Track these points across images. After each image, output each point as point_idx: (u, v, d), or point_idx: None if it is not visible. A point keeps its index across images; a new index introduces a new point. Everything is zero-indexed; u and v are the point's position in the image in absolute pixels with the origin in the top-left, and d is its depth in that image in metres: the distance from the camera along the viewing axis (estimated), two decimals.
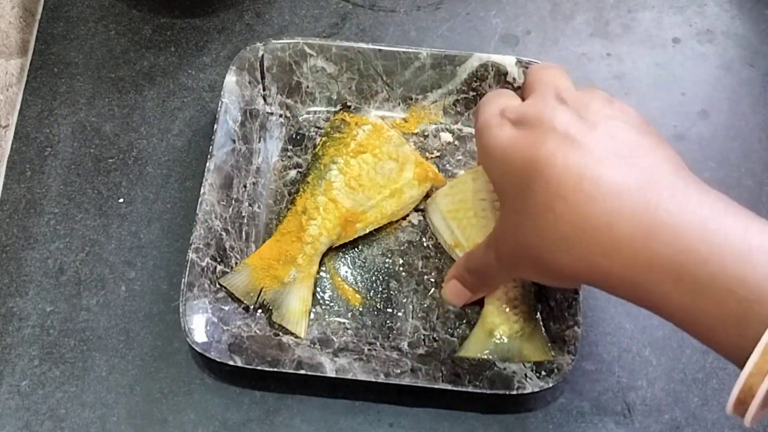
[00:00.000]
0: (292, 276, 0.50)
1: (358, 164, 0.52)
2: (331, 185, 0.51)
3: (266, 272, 0.50)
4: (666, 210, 0.31)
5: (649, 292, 0.32)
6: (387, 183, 0.51)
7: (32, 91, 0.58)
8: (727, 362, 0.49)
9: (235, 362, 0.46)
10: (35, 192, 0.55)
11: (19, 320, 0.51)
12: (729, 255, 0.30)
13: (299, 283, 0.50)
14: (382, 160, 0.52)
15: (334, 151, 0.52)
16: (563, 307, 0.48)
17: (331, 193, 0.51)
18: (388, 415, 0.48)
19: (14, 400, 0.48)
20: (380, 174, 0.51)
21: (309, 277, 0.50)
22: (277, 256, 0.50)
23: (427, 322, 0.50)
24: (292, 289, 0.49)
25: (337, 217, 0.50)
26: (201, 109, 0.58)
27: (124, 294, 0.52)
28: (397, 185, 0.51)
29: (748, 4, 0.62)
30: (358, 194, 0.51)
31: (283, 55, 0.55)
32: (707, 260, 0.30)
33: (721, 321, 0.30)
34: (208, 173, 0.50)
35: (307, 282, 0.50)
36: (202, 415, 0.48)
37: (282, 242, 0.50)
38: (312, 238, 0.50)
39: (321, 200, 0.51)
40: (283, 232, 0.51)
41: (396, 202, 0.51)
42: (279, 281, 0.49)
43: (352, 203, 0.51)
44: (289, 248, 0.50)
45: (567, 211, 0.33)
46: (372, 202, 0.51)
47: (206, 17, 0.61)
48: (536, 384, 0.46)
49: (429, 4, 0.62)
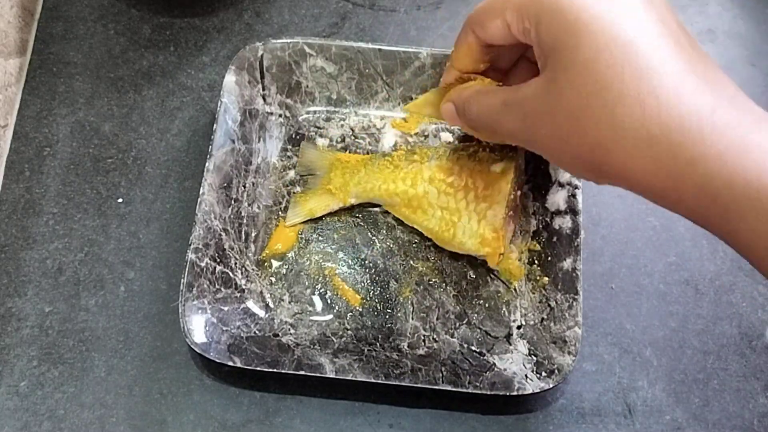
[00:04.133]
0: (340, 185, 0.53)
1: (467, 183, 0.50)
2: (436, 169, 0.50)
3: (340, 164, 0.53)
4: (757, 132, 0.30)
5: (724, 209, 0.30)
6: (459, 213, 0.50)
7: (31, 90, 0.58)
8: (728, 363, 0.50)
9: (235, 363, 0.46)
10: (34, 192, 0.55)
11: (18, 320, 0.51)
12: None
13: (335, 196, 0.53)
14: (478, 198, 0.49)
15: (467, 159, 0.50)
16: (563, 308, 0.48)
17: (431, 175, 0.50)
18: (388, 415, 0.48)
19: (13, 401, 0.48)
20: (466, 204, 0.49)
21: (342, 201, 0.53)
22: (359, 165, 0.53)
23: (427, 323, 0.50)
24: (325, 194, 0.53)
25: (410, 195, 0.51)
26: (200, 108, 0.58)
27: (123, 294, 0.52)
28: (463, 224, 0.50)
29: (750, 3, 0.62)
30: (441, 197, 0.50)
31: (282, 55, 0.55)
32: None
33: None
34: (207, 173, 0.50)
35: (338, 201, 0.53)
36: (202, 416, 0.48)
37: (373, 164, 0.53)
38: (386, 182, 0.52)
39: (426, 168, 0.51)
40: (386, 162, 0.52)
41: (448, 231, 0.50)
42: (333, 179, 0.53)
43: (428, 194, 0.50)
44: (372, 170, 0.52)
45: (660, 112, 0.31)
46: (437, 213, 0.50)
47: (206, 17, 0.61)
48: (536, 385, 0.46)
49: (429, 3, 0.62)
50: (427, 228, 0.51)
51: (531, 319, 0.49)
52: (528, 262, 0.51)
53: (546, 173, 0.52)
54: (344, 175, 0.53)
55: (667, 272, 0.53)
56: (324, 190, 0.53)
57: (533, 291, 0.50)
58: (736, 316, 0.52)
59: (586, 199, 0.53)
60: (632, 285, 0.52)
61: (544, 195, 0.52)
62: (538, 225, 0.52)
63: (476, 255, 0.50)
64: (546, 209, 0.52)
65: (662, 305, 0.52)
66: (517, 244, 0.52)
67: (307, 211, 0.53)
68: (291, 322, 0.50)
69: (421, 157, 0.52)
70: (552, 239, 0.51)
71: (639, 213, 0.54)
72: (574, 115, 0.33)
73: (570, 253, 0.49)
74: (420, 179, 0.51)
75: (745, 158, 0.30)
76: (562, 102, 0.33)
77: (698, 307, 0.52)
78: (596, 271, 0.53)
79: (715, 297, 0.52)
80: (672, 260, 0.53)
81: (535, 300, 0.50)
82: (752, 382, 0.50)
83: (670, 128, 0.31)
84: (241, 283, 0.50)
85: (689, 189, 0.31)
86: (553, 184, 0.52)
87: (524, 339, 0.49)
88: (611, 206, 0.55)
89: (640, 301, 0.52)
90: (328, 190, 0.53)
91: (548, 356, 0.47)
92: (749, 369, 0.50)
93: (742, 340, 0.51)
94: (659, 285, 0.52)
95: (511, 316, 0.50)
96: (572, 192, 0.50)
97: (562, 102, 0.33)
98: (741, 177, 0.30)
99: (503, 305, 0.51)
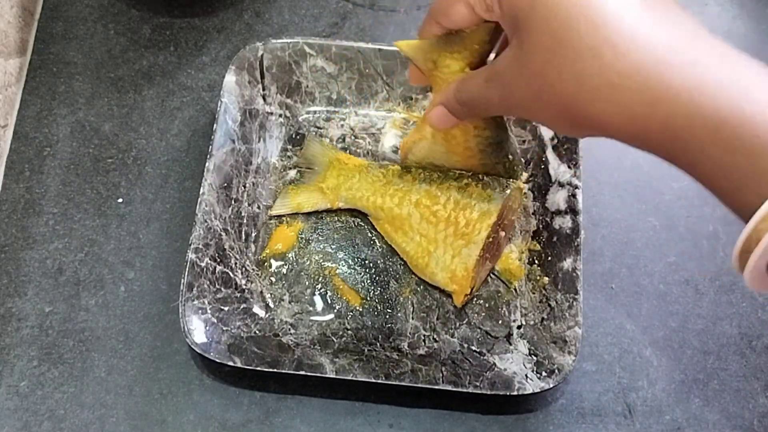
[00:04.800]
0: (332, 186, 0.53)
1: (449, 216, 0.49)
2: (424, 194, 0.50)
3: (338, 164, 0.53)
4: (715, 67, 0.32)
5: (685, 144, 0.32)
6: (436, 244, 0.50)
7: (31, 90, 0.58)
8: (728, 363, 0.50)
9: (235, 363, 0.46)
10: (34, 192, 0.55)
11: (18, 320, 0.51)
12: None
13: (325, 196, 0.53)
14: (457, 234, 0.49)
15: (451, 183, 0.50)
16: (563, 308, 0.48)
17: (418, 199, 0.50)
18: (388, 415, 0.48)
19: (13, 401, 0.48)
20: (444, 237, 0.49)
21: (331, 203, 0.53)
22: (356, 170, 0.53)
23: (427, 323, 0.50)
24: (317, 191, 0.53)
25: (394, 214, 0.51)
26: (200, 108, 0.58)
27: (123, 294, 0.51)
28: (437, 255, 0.49)
29: (749, 3, 0.62)
30: (422, 223, 0.50)
31: (282, 55, 0.55)
32: (750, 118, 0.30)
33: (753, 178, 0.30)
34: (207, 173, 0.50)
35: (327, 202, 0.53)
36: (202, 416, 0.48)
37: (368, 173, 0.52)
38: (374, 194, 0.52)
39: (415, 191, 0.50)
40: (380, 174, 0.52)
41: (422, 259, 0.50)
42: (328, 178, 0.53)
43: (411, 217, 0.50)
44: (365, 179, 0.52)
45: (617, 60, 0.32)
46: (416, 237, 0.50)
47: (206, 17, 0.61)
48: (537, 385, 0.46)
49: (429, 3, 0.62)
50: (404, 250, 0.51)
51: (531, 319, 0.49)
52: (528, 262, 0.52)
53: (546, 173, 0.52)
54: (339, 176, 0.53)
55: (667, 272, 0.53)
56: (316, 187, 0.53)
57: (533, 291, 0.50)
58: (736, 316, 0.52)
59: (586, 199, 0.53)
60: (632, 285, 0.52)
61: (544, 195, 0.52)
62: (538, 225, 0.52)
63: (444, 288, 0.50)
64: (546, 209, 0.52)
65: (662, 305, 0.52)
66: (517, 244, 0.52)
67: (295, 205, 0.53)
68: (291, 322, 0.50)
69: (414, 177, 0.51)
70: (552, 239, 0.51)
71: (639, 213, 0.54)
72: (540, 73, 0.35)
73: (570, 253, 0.49)
74: (407, 200, 0.50)
75: (702, 94, 0.31)
76: (530, 64, 0.35)
77: (698, 307, 0.52)
78: (596, 271, 0.53)
79: (715, 297, 0.52)
80: (672, 260, 0.53)
81: (535, 300, 0.50)
82: (752, 382, 0.50)
83: (628, 74, 0.32)
84: (242, 283, 0.50)
85: (654, 129, 0.32)
86: (553, 184, 0.52)
87: (524, 339, 0.49)
88: (611, 206, 0.55)
89: (640, 301, 0.52)
90: (320, 188, 0.53)
91: (548, 356, 0.47)
92: (749, 369, 0.50)
93: (742, 340, 0.51)
94: (659, 285, 0.52)
95: (511, 316, 0.50)
96: (572, 192, 0.50)
97: (529, 64, 0.35)
98: (699, 114, 0.31)
99: (503, 305, 0.51)
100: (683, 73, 0.32)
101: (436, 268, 0.49)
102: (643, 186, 0.55)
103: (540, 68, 0.35)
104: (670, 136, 0.32)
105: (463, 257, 0.48)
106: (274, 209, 0.53)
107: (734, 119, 0.30)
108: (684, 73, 0.32)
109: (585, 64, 0.33)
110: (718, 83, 0.31)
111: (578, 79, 0.33)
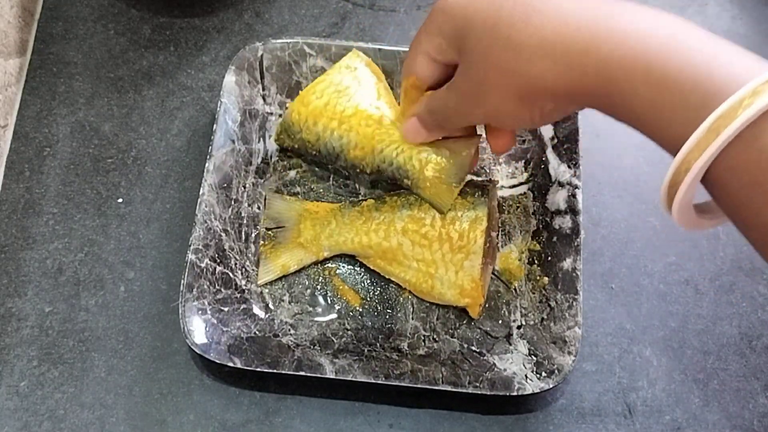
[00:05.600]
0: (311, 238, 0.51)
1: (440, 234, 0.49)
2: (408, 219, 0.49)
3: (309, 215, 0.52)
4: (642, 14, 0.34)
5: (620, 87, 0.34)
6: (436, 265, 0.49)
7: (31, 90, 0.58)
8: (728, 363, 0.50)
9: (235, 363, 0.46)
10: (34, 192, 0.55)
11: (18, 321, 0.51)
12: (697, 53, 0.32)
13: (307, 250, 0.51)
14: (453, 249, 0.49)
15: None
16: (563, 308, 0.48)
17: (403, 226, 0.49)
18: (388, 416, 0.48)
19: (13, 401, 0.48)
20: (442, 256, 0.49)
21: (315, 255, 0.51)
22: (329, 216, 0.51)
23: (427, 323, 0.50)
24: (297, 247, 0.51)
25: (384, 248, 0.50)
26: (200, 108, 0.58)
27: (123, 294, 0.51)
28: (440, 275, 0.49)
29: (749, 3, 0.62)
30: (415, 248, 0.49)
31: (282, 55, 0.55)
32: (676, 57, 0.32)
33: (682, 114, 0.32)
34: (207, 173, 0.50)
35: (311, 255, 0.51)
36: (202, 416, 0.48)
37: (343, 215, 0.51)
38: (358, 236, 0.50)
39: (398, 219, 0.49)
40: (356, 213, 0.51)
41: (426, 283, 0.49)
42: (303, 231, 0.51)
43: (402, 246, 0.49)
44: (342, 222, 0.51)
45: (547, 21, 0.36)
46: (413, 264, 0.49)
47: (205, 17, 0.61)
48: (536, 385, 0.46)
49: (429, 3, 0.62)
50: (404, 280, 0.50)
51: (531, 319, 0.49)
52: (528, 262, 0.51)
53: (546, 173, 0.52)
54: (314, 227, 0.51)
55: (667, 272, 0.53)
56: (295, 244, 0.51)
57: (533, 291, 0.50)
58: (736, 316, 0.52)
59: (586, 199, 0.53)
60: (632, 285, 0.52)
61: (544, 195, 0.52)
62: (538, 225, 0.52)
63: (456, 305, 0.49)
64: (546, 209, 0.52)
65: (662, 305, 0.52)
66: (517, 244, 0.52)
67: (280, 267, 0.51)
68: (291, 322, 0.50)
69: (391, 206, 0.50)
70: (552, 239, 0.51)
71: (639, 213, 0.54)
72: (483, 61, 0.38)
73: (570, 253, 0.49)
74: (393, 230, 0.49)
75: (632, 37, 0.33)
76: (474, 62, 0.39)
77: (698, 307, 0.52)
78: (596, 271, 0.53)
79: (715, 297, 0.52)
80: (672, 260, 0.53)
81: (535, 300, 0.50)
82: (752, 382, 0.50)
83: (559, 29, 0.35)
84: (242, 284, 0.50)
85: (590, 74, 0.35)
86: (553, 184, 0.52)
87: (524, 339, 0.49)
88: (611, 206, 0.55)
89: (640, 301, 0.52)
90: (299, 244, 0.51)
91: (548, 356, 0.47)
92: (749, 369, 0.50)
93: (742, 340, 0.51)
94: (659, 285, 0.52)
95: (511, 316, 0.50)
96: (572, 192, 0.50)
97: (473, 63, 0.39)
98: (630, 55, 0.33)
99: (503, 305, 0.51)
100: (613, 19, 0.35)
101: (443, 288, 0.49)
102: (643, 186, 0.55)
103: (482, 58, 0.38)
104: (604, 79, 0.34)
105: (466, 270, 0.48)
106: (261, 278, 0.51)
107: (663, 58, 0.33)
108: (614, 20, 0.35)
109: (519, 34, 0.36)
110: (648, 27, 0.34)
111: (515, 48, 0.36)
